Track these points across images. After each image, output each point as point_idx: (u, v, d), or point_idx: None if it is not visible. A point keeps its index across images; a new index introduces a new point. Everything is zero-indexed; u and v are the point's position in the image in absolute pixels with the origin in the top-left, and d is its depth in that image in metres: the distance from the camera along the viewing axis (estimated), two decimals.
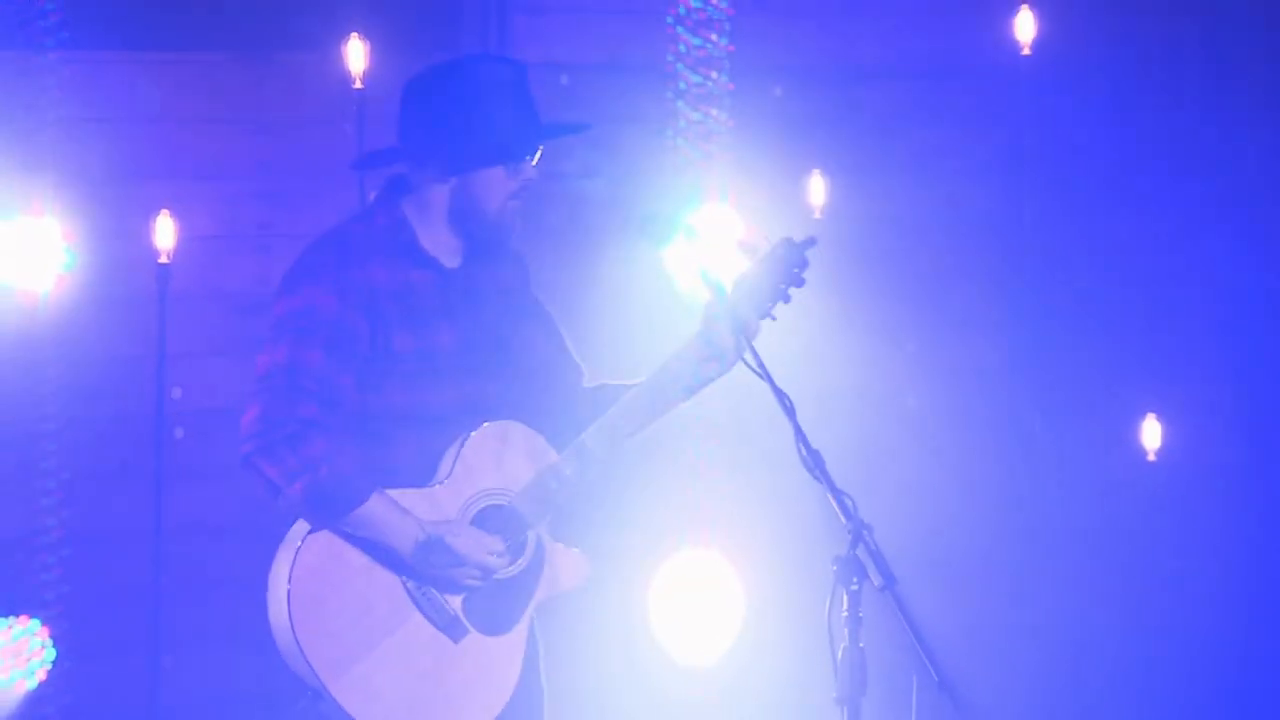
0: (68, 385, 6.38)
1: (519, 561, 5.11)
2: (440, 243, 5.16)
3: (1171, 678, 7.12)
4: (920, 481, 6.97)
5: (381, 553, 5.02)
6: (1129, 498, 7.15)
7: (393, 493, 5.02)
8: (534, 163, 5.17)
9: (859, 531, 4.60)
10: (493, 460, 5.13)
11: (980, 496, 7.19)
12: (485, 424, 5.14)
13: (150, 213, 6.38)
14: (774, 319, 5.21)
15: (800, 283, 5.23)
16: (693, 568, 6.88)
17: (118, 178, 6.44)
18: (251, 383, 5.03)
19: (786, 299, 5.23)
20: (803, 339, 5.38)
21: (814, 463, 4.71)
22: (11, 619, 6.33)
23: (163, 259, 6.36)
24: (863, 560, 4.59)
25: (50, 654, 6.36)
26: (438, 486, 5.07)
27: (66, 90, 6.36)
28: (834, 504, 4.65)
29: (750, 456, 6.65)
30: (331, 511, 4.98)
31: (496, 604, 5.11)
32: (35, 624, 6.34)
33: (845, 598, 4.59)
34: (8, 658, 6.33)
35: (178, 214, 6.40)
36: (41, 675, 6.35)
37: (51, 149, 6.33)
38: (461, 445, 5.10)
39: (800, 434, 4.75)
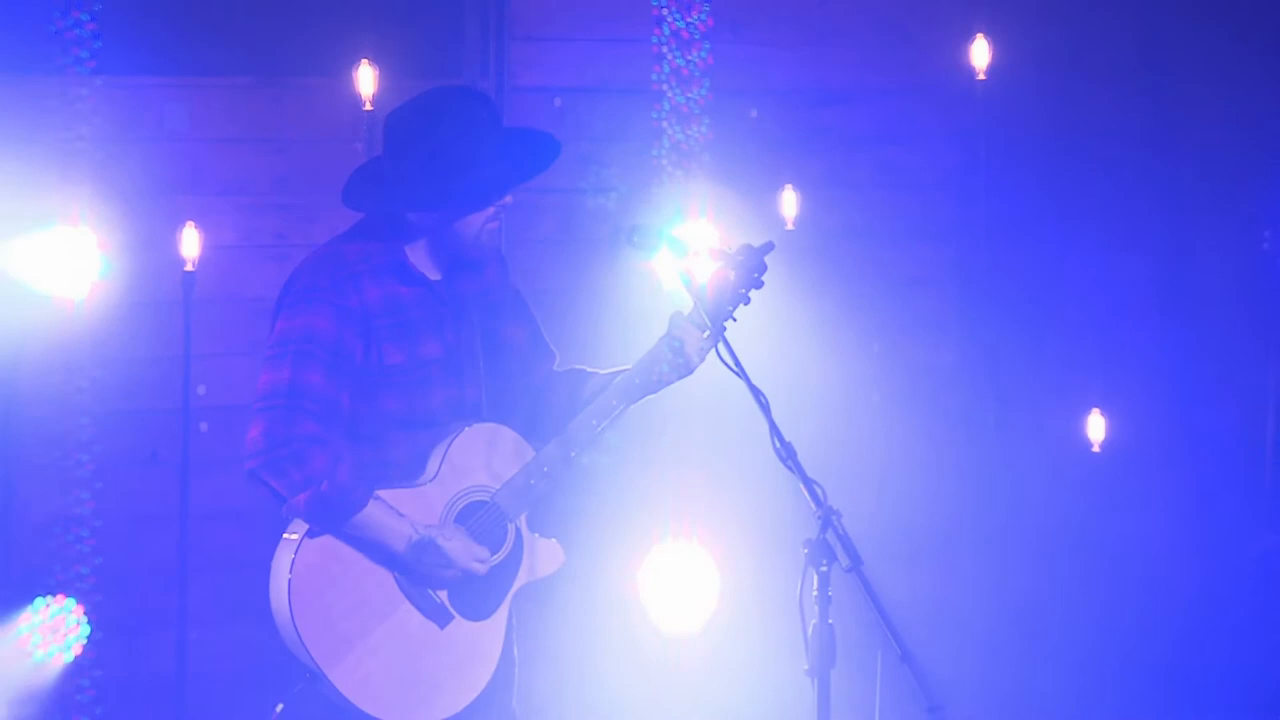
0: (102, 382, 6.36)
1: (500, 552, 5.09)
2: (426, 260, 5.13)
3: (1112, 649, 7.10)
4: (885, 471, 6.98)
5: (376, 550, 5.00)
6: (1075, 486, 7.16)
7: (385, 492, 5.00)
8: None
9: (828, 517, 4.63)
10: (476, 459, 5.08)
11: (940, 485, 7.18)
12: (469, 426, 5.10)
13: (177, 224, 6.36)
14: (734, 320, 5.15)
15: (759, 285, 5.16)
16: (675, 553, 6.82)
17: (148, 192, 6.41)
18: (254, 400, 5.01)
19: (746, 301, 5.16)
20: (776, 340, 5.39)
21: (787, 454, 4.73)
22: (49, 598, 6.31)
23: (188, 267, 6.33)
24: (831, 544, 4.61)
25: (85, 630, 6.34)
26: (426, 485, 5.04)
27: (102, 111, 6.29)
28: (805, 492, 4.67)
29: (729, 449, 6.65)
30: (333, 519, 4.97)
31: (479, 592, 5.08)
32: (71, 602, 6.33)
33: (815, 578, 4.61)
34: (46, 634, 6.31)
35: (202, 225, 6.38)
36: (77, 650, 6.33)
37: (88, 165, 6.29)
38: (448, 446, 5.06)
39: (774, 428, 4.76)
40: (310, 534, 5.00)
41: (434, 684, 5.05)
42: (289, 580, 4.97)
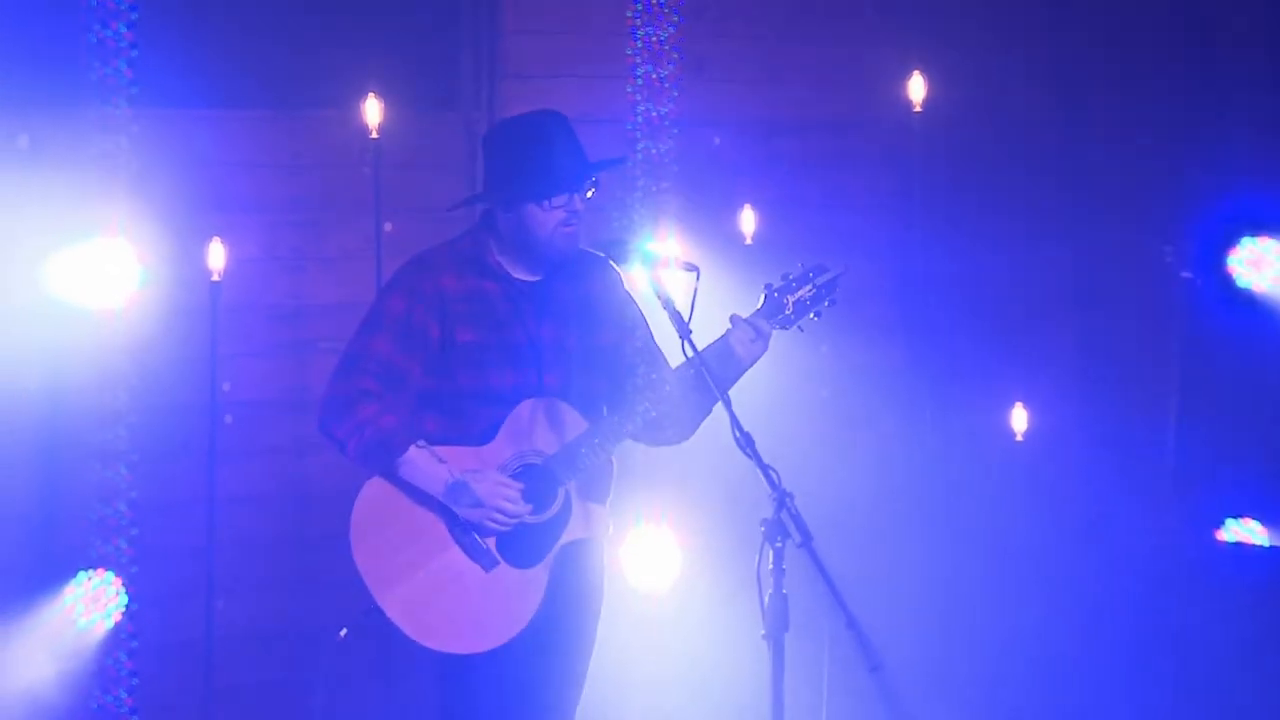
0: (138, 380, 6.32)
1: (550, 510, 5.09)
2: (511, 260, 5.16)
3: (1030, 617, 7.07)
4: (833, 458, 6.95)
5: (420, 493, 5.03)
6: (1000, 471, 7.18)
7: (441, 448, 5.05)
8: (588, 195, 5.14)
9: (782, 499, 4.67)
10: (533, 428, 5.10)
11: (882, 470, 7.17)
12: (528, 400, 5.12)
13: (206, 239, 6.38)
14: (802, 329, 5.26)
15: (834, 302, 5.26)
16: (649, 534, 6.79)
17: (180, 210, 6.41)
18: (334, 368, 5.14)
19: (819, 314, 5.26)
20: None
21: (746, 443, 4.77)
22: (91, 571, 6.31)
23: (215, 277, 6.36)
24: (785, 523, 4.66)
25: (123, 600, 6.33)
26: (484, 447, 5.07)
27: (140, 138, 6.22)
28: (762, 477, 4.71)
29: (696, 437, 6.67)
30: (377, 462, 5.03)
31: (526, 542, 5.08)
32: (110, 575, 6.31)
33: (771, 553, 4.66)
34: (88, 604, 6.30)
35: (228, 240, 6.40)
36: (116, 618, 6.33)
37: (127, 186, 6.20)
38: (508, 415, 5.09)
39: (734, 420, 4.81)
40: (374, 477, 5.07)
41: (476, 620, 5.06)
42: (352, 516, 5.06)
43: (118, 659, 6.35)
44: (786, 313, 5.23)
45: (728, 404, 4.85)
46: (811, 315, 5.25)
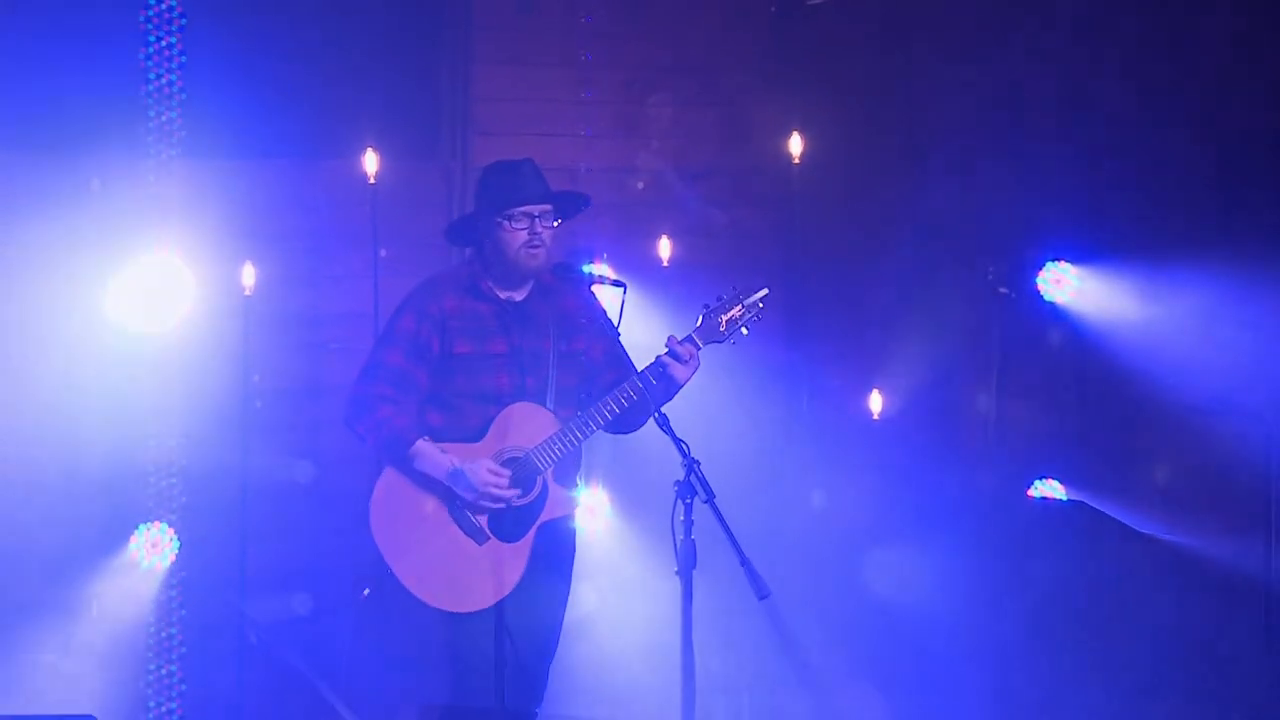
0: (186, 372, 6.45)
1: (531, 493, 5.10)
2: (498, 283, 5.17)
3: (880, 552, 6.95)
4: (732, 435, 6.87)
5: (429, 483, 5.04)
6: (861, 443, 7.24)
7: (444, 444, 5.05)
8: (554, 224, 5.11)
9: (691, 465, 4.74)
10: (517, 426, 5.08)
11: (768, 441, 7.21)
12: (513, 404, 5.10)
13: (239, 262, 6.47)
14: (734, 344, 5.17)
15: (761, 318, 5.17)
16: (587, 490, 6.77)
17: (221, 240, 6.49)
18: (357, 374, 5.16)
19: (748, 329, 5.15)
20: (657, 344, 5.41)
21: (662, 421, 4.85)
22: (150, 523, 6.44)
23: (247, 292, 6.45)
24: (694, 484, 4.72)
25: (175, 546, 6.44)
26: (476, 443, 5.09)
27: (183, 183, 6.39)
28: (675, 447, 4.77)
29: None
30: (392, 454, 5.06)
31: (512, 521, 5.09)
32: (165, 526, 6.45)
33: (682, 507, 4.72)
34: (148, 549, 6.42)
35: (257, 263, 6.48)
36: (170, 559, 6.44)
37: (178, 221, 6.35)
38: (496, 415, 5.10)
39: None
40: (385, 469, 5.08)
41: (469, 584, 5.07)
42: (371, 500, 5.07)
43: (171, 590, 6.47)
44: (721, 330, 5.16)
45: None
46: (743, 330, 5.17)
